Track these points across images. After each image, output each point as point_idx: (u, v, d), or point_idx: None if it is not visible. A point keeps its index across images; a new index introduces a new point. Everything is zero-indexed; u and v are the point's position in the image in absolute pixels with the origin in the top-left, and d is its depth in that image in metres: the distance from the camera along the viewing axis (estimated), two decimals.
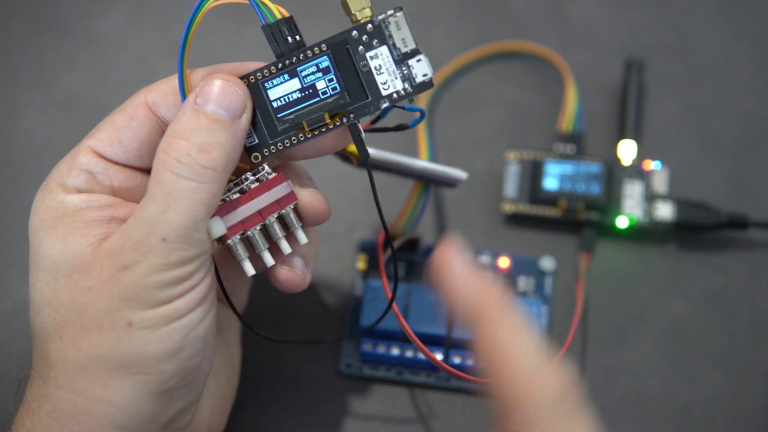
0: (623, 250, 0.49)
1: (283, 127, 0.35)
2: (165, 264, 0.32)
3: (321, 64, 0.34)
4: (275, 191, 0.36)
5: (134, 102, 0.36)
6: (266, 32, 0.35)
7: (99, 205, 0.34)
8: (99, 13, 0.56)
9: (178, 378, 0.33)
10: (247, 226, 0.35)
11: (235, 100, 0.34)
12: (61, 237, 0.33)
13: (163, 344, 0.32)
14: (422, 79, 0.34)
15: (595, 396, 0.45)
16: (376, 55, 0.34)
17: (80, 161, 0.35)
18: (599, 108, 0.53)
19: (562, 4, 0.57)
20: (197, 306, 0.33)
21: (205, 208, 0.32)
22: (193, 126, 0.33)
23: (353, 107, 0.35)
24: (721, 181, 0.51)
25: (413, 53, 0.34)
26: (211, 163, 0.32)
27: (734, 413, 0.44)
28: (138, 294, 0.32)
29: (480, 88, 0.54)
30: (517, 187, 0.50)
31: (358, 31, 0.34)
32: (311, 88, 0.35)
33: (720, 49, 0.55)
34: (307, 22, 0.35)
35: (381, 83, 0.35)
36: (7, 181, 0.51)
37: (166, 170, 0.32)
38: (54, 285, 0.33)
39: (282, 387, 0.45)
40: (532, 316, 0.44)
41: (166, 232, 0.32)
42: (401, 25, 0.34)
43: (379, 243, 0.43)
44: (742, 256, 0.49)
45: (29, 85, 0.54)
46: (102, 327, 0.32)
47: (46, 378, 0.33)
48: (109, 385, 0.32)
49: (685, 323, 0.47)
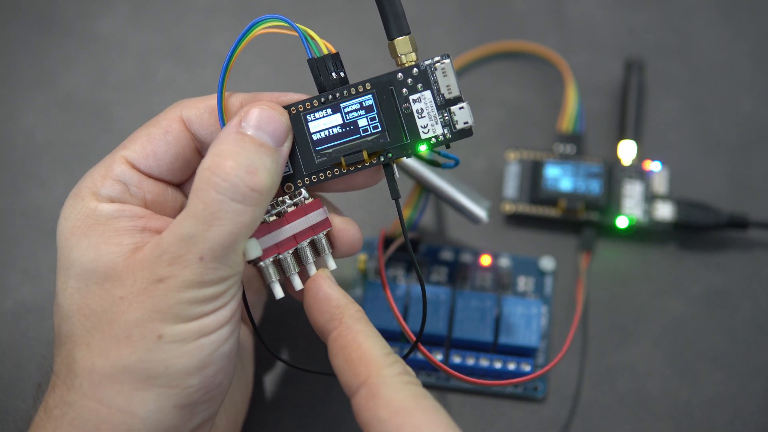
0: (623, 250, 0.49)
1: (320, 160, 0.36)
2: (200, 282, 0.32)
3: (365, 102, 0.35)
4: (311, 216, 0.36)
5: (169, 116, 0.36)
6: (312, 66, 0.35)
7: (132, 215, 0.34)
8: (99, 13, 0.56)
9: (201, 393, 0.33)
10: (281, 250, 0.36)
11: (279, 128, 0.34)
12: (94, 245, 0.33)
13: (191, 359, 0.32)
14: (463, 126, 0.35)
15: (595, 396, 0.45)
16: (419, 98, 0.35)
17: (115, 171, 0.35)
18: (599, 108, 0.53)
19: (562, 4, 0.57)
20: (226, 323, 0.33)
21: (246, 231, 0.33)
22: (239, 149, 0.33)
23: (392, 147, 0.35)
24: (721, 181, 0.51)
25: (456, 100, 0.35)
26: (257, 186, 0.32)
27: (734, 413, 0.44)
28: (171, 308, 0.32)
29: (480, 88, 0.54)
30: (517, 187, 0.50)
31: (403, 74, 0.35)
32: (353, 125, 0.35)
33: (720, 49, 0.55)
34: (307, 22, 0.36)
35: (421, 126, 0.35)
36: (7, 181, 0.51)
37: (211, 189, 0.32)
38: (85, 292, 0.33)
39: (282, 387, 0.45)
40: (533, 316, 0.44)
41: (204, 251, 0.32)
42: (447, 72, 0.35)
43: (379, 243, 0.43)
44: (742, 256, 0.49)
45: (29, 85, 0.54)
46: (132, 337, 0.32)
47: (71, 385, 0.32)
48: (134, 396, 0.32)
49: (685, 323, 0.47)
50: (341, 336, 0.34)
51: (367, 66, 0.53)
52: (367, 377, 0.33)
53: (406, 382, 0.33)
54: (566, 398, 0.45)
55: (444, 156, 0.38)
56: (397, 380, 0.33)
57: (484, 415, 0.45)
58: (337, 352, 0.34)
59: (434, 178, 0.43)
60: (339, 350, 0.34)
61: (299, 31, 0.34)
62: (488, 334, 0.44)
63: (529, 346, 0.44)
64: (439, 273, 0.47)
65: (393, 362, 0.34)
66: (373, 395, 0.32)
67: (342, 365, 0.34)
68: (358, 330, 0.35)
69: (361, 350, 0.34)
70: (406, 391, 0.33)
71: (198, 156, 0.37)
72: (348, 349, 0.34)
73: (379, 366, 0.33)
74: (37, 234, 0.49)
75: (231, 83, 0.35)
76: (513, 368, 0.44)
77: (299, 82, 0.35)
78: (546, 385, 0.45)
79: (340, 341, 0.34)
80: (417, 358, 0.44)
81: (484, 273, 0.47)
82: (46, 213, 0.50)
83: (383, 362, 0.33)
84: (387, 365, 0.33)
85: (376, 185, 0.38)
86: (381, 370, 0.33)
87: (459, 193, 0.44)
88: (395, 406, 0.32)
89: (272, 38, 0.37)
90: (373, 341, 0.34)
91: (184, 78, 0.54)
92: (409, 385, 0.33)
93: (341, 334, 0.35)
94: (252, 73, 0.54)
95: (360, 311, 0.36)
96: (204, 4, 0.57)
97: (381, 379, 0.33)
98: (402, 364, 0.34)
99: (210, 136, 0.36)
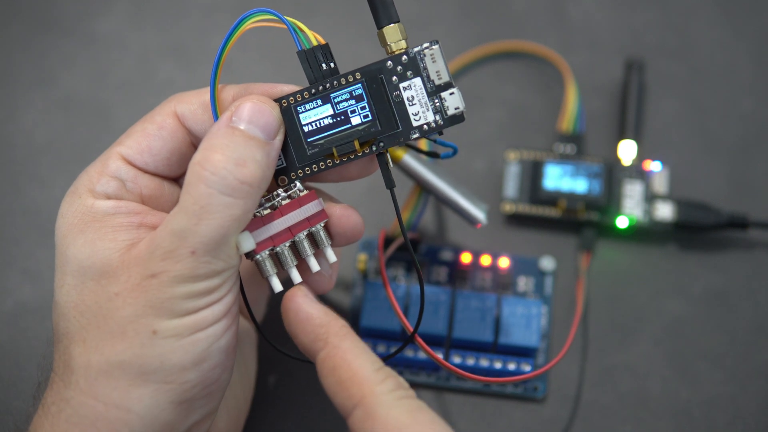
0: (623, 250, 0.49)
1: (312, 152, 0.35)
2: (192, 276, 0.32)
3: (355, 92, 0.35)
4: (306, 208, 0.36)
5: (164, 111, 0.36)
6: (301, 58, 0.35)
7: (128, 211, 0.34)
8: (99, 13, 0.56)
9: (199, 388, 0.33)
10: (276, 242, 0.35)
11: (270, 121, 0.34)
12: (90, 241, 0.33)
13: (186, 354, 0.32)
14: (454, 112, 0.35)
15: (595, 396, 0.45)
16: (409, 86, 0.35)
17: (110, 168, 0.35)
18: (599, 108, 0.53)
19: (562, 4, 0.57)
20: (222, 318, 0.33)
21: (237, 224, 0.32)
22: (229, 141, 0.33)
23: (383, 136, 0.35)
24: (721, 181, 0.51)
25: (446, 86, 0.35)
26: (247, 178, 0.32)
27: (734, 413, 0.44)
28: (164, 303, 0.32)
29: (480, 88, 0.54)
30: (517, 187, 0.50)
31: (392, 62, 0.35)
32: (343, 115, 0.35)
33: (720, 49, 0.55)
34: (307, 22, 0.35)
35: (413, 114, 0.35)
36: (7, 181, 0.51)
37: (201, 183, 0.32)
38: (81, 289, 0.33)
39: (282, 387, 0.45)
40: (533, 316, 0.44)
41: (195, 245, 0.32)
42: (437, 57, 0.34)
43: (379, 243, 0.43)
44: (742, 256, 0.49)
45: (29, 85, 0.54)
46: (126, 333, 0.32)
47: (68, 382, 0.32)
48: (130, 392, 0.32)
49: (685, 323, 0.47)
50: (329, 357, 0.34)
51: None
52: (360, 398, 0.32)
53: (401, 397, 0.33)
54: (566, 398, 0.45)
55: (441, 144, 0.38)
56: (391, 397, 0.32)
57: (484, 416, 0.45)
58: (327, 374, 0.34)
59: (433, 179, 0.43)
60: (329, 372, 0.34)
61: (288, 23, 0.34)
62: (488, 334, 0.44)
63: (529, 346, 0.44)
64: (439, 273, 0.47)
65: (385, 378, 0.33)
66: (368, 416, 0.32)
67: (333, 387, 0.33)
68: (346, 348, 0.34)
69: (351, 370, 0.33)
70: (401, 407, 0.32)
71: (193, 150, 0.36)
72: (338, 370, 0.33)
73: (371, 384, 0.33)
74: (37, 234, 0.49)
75: (229, 79, 0.35)
76: (513, 368, 0.44)
77: (296, 76, 0.35)
78: (546, 385, 0.45)
79: (329, 363, 0.34)
80: (417, 358, 0.44)
81: (484, 273, 0.47)
82: (46, 213, 0.50)
83: (375, 379, 0.33)
84: (379, 382, 0.33)
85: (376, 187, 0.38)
86: (374, 388, 0.33)
87: (457, 194, 0.44)
88: (392, 424, 0.32)
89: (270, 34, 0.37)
90: (363, 358, 0.34)
91: (184, 78, 0.54)
92: (404, 400, 0.33)
93: (329, 355, 0.34)
94: (249, 69, 0.54)
95: (345, 326, 0.35)
96: (204, 4, 0.57)
97: (375, 398, 0.32)
98: (395, 378, 0.33)
99: (204, 131, 0.36)
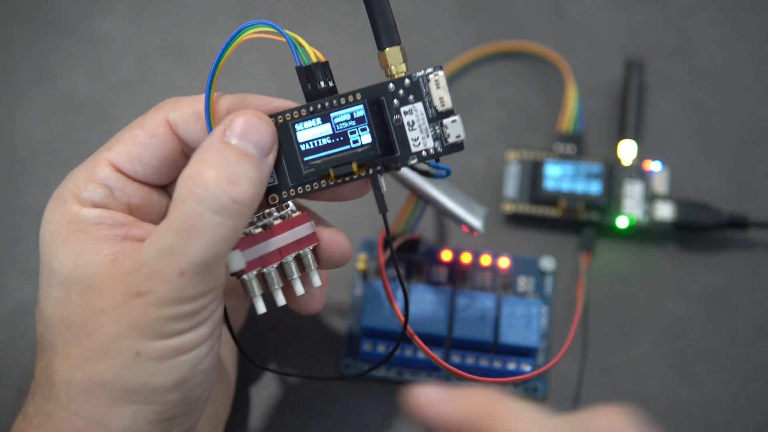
0: (623, 250, 0.49)
1: (307, 171, 0.34)
2: (179, 297, 0.31)
3: (356, 113, 0.34)
4: (298, 230, 0.35)
5: (155, 118, 0.35)
6: (300, 74, 0.34)
7: (113, 222, 0.33)
8: (99, 13, 0.56)
9: (180, 407, 0.33)
10: (265, 263, 0.35)
11: (264, 137, 0.33)
12: (74, 254, 0.32)
13: (169, 376, 0.32)
14: (455, 140, 0.34)
15: (595, 396, 0.45)
16: (410, 110, 0.34)
17: (98, 174, 0.34)
18: (599, 108, 0.53)
19: (562, 4, 0.57)
20: (206, 339, 0.32)
21: (228, 244, 0.31)
22: (222, 157, 0.31)
23: (382, 160, 0.34)
24: (721, 181, 0.51)
25: (448, 113, 0.34)
26: (239, 197, 0.31)
27: (734, 413, 0.44)
28: (149, 324, 0.31)
29: (480, 88, 0.54)
30: (517, 187, 0.50)
31: (395, 85, 0.34)
32: (342, 136, 0.34)
33: (720, 49, 0.55)
34: (307, 21, 0.35)
35: (412, 139, 0.34)
36: (7, 181, 0.51)
37: (191, 200, 0.30)
38: (66, 303, 0.32)
39: (282, 387, 0.45)
40: (533, 316, 0.44)
41: (184, 265, 0.30)
42: (440, 83, 0.34)
43: (379, 243, 0.43)
44: (742, 256, 0.49)
45: (29, 85, 0.54)
46: (109, 352, 0.31)
47: (49, 395, 0.32)
48: (111, 411, 0.31)
49: (685, 323, 0.47)
50: None
51: (367, 66, 0.53)
52: None
53: None
54: (566, 398, 0.45)
55: (435, 167, 0.37)
56: None
57: None
58: None
59: (428, 188, 0.42)
60: None
61: (288, 37, 0.33)
62: (488, 334, 0.44)
63: (529, 346, 0.44)
64: (438, 273, 0.47)
65: None
66: None
67: None
68: None
69: None
70: None
71: (185, 159, 0.35)
72: None
73: None
74: (37, 234, 0.48)
75: (229, 82, 0.35)
76: (513, 368, 0.44)
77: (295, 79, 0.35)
78: (546, 385, 0.45)
79: None
80: (417, 358, 0.44)
81: (484, 273, 0.47)
82: None
83: None
84: None
85: None
86: None
87: (453, 203, 0.43)
88: None
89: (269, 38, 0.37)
90: None
91: (184, 78, 0.54)
92: None
93: None
94: (249, 68, 0.54)
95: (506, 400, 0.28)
96: (204, 4, 0.57)
97: None
98: None
99: (196, 141, 0.35)
